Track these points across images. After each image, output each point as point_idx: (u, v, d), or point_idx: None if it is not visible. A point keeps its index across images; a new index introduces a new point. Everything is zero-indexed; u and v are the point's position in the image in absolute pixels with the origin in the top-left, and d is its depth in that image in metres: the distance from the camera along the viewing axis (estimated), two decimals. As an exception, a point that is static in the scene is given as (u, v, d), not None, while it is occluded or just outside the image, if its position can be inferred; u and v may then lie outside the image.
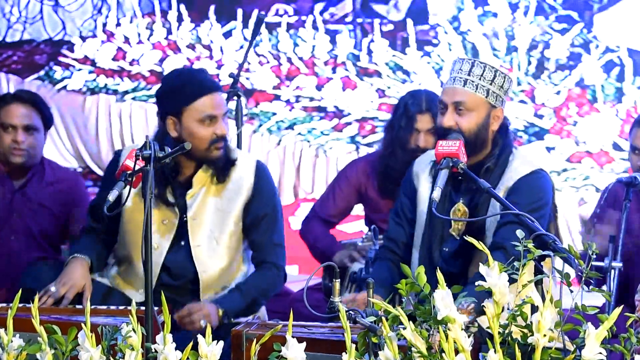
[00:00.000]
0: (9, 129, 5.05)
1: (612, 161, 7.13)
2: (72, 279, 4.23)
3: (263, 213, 4.34)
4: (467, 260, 4.06)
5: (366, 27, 7.77)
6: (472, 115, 4.03)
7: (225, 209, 4.32)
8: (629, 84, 7.18)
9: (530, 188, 4.05)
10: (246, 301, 4.21)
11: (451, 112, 4.03)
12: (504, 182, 4.06)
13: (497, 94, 4.05)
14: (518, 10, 7.42)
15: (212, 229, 4.29)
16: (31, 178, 5.14)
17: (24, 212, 5.11)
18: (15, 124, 5.03)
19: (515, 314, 3.09)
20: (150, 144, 3.59)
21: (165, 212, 4.30)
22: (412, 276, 3.13)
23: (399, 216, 4.25)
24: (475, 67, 4.04)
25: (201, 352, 3.07)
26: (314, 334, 3.45)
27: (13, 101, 5.07)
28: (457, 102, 4.02)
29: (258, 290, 4.26)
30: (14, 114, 5.05)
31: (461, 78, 4.04)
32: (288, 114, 7.81)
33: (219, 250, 4.31)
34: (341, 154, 7.63)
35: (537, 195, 4.06)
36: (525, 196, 4.02)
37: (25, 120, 5.04)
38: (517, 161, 4.10)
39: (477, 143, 4.04)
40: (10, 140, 5.04)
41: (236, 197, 4.33)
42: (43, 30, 8.43)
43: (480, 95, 4.03)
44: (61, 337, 3.14)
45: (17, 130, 5.03)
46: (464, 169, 3.84)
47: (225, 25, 8.07)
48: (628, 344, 3.10)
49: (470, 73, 4.03)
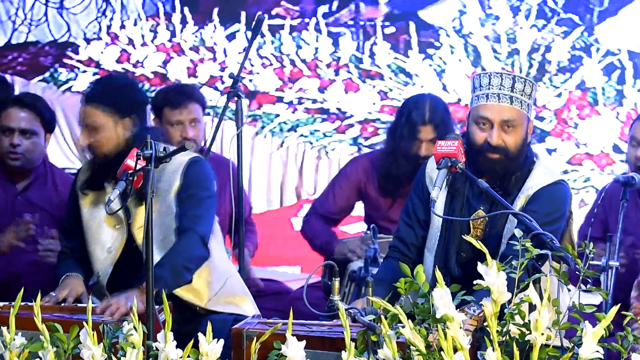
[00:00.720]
0: (7, 133, 5.07)
1: (613, 163, 7.14)
2: (70, 285, 4.30)
3: (187, 195, 4.31)
4: None
5: (368, 30, 7.78)
6: (517, 132, 3.97)
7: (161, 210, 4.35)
8: (629, 87, 7.19)
9: (551, 199, 3.99)
10: (169, 270, 4.09)
11: (498, 130, 3.95)
12: (524, 190, 4.01)
13: (531, 106, 4.03)
14: (520, 14, 7.43)
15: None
16: (33, 182, 5.15)
17: (26, 216, 5.13)
18: (13, 127, 5.05)
19: (513, 312, 3.11)
20: (152, 143, 3.61)
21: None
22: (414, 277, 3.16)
23: (409, 217, 4.19)
24: (517, 82, 3.98)
25: (201, 350, 3.09)
26: (314, 332, 3.45)
27: (13, 105, 5.09)
28: (506, 121, 3.96)
29: (177, 257, 4.15)
30: (13, 117, 5.06)
31: (506, 95, 3.96)
32: (291, 116, 7.83)
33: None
34: (343, 155, 7.64)
35: (556, 206, 4.00)
36: (545, 206, 3.96)
37: (23, 124, 5.05)
38: (539, 170, 4.05)
39: (519, 157, 4.00)
40: (7, 144, 5.06)
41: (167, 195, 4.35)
42: (48, 33, 8.44)
43: (524, 111, 3.99)
44: (63, 335, 3.16)
45: (14, 133, 5.05)
46: (463, 169, 3.84)
47: (229, 28, 8.08)
48: (625, 342, 3.12)
49: (513, 89, 3.97)
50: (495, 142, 3.96)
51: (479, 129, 4.00)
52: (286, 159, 7.79)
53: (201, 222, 4.28)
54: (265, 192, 7.76)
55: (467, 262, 4.01)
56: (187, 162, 4.36)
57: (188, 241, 4.23)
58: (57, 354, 3.13)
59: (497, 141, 3.96)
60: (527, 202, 3.99)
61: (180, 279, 4.16)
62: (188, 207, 4.29)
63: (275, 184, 7.77)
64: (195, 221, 4.27)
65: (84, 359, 3.08)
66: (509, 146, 3.97)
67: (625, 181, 4.23)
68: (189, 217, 4.27)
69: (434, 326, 3.03)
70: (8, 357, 3.08)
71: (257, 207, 7.57)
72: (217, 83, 7.96)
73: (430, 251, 4.11)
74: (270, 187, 7.76)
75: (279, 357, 3.10)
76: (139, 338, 3.15)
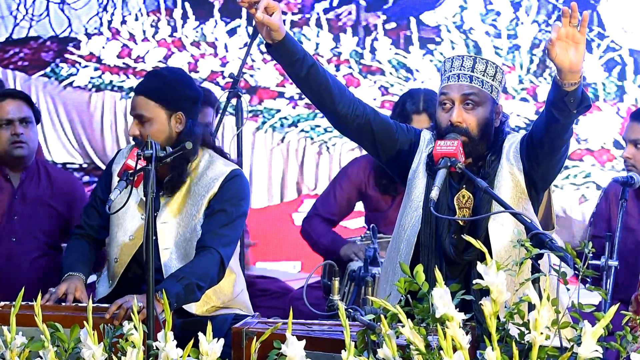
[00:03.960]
0: (5, 125, 5.10)
1: (613, 159, 7.15)
2: (69, 283, 4.28)
3: (219, 208, 4.32)
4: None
5: (370, 26, 7.78)
6: (479, 111, 3.97)
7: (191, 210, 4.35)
8: (630, 83, 7.19)
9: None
10: (183, 285, 4.09)
11: (459, 108, 3.96)
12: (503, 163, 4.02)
13: (497, 90, 4.03)
14: (520, 9, 7.43)
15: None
16: (26, 179, 5.17)
17: (24, 214, 5.14)
18: (12, 118, 5.09)
19: (512, 311, 3.11)
20: (152, 143, 3.61)
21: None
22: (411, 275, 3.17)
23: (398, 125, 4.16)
24: (477, 63, 3.99)
25: (202, 350, 3.09)
26: (314, 332, 3.47)
27: (5, 98, 5.13)
28: (466, 96, 3.96)
29: (193, 274, 4.14)
30: (10, 108, 5.11)
31: (465, 74, 3.98)
32: (292, 111, 7.83)
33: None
34: (344, 150, 7.65)
35: None
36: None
37: (22, 114, 5.11)
38: (507, 142, 4.06)
39: (483, 140, 4.00)
40: (9, 135, 5.09)
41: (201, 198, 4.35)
42: (49, 28, 8.43)
43: (486, 91, 3.99)
44: (64, 335, 3.17)
45: (14, 124, 5.09)
46: (462, 168, 3.84)
47: (230, 23, 8.08)
48: (624, 341, 3.13)
49: (474, 69, 3.98)
50: (456, 119, 3.95)
51: (442, 110, 4.01)
52: (287, 155, 7.79)
53: (226, 243, 4.27)
54: (266, 187, 7.76)
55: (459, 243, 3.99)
56: (229, 173, 4.35)
57: (208, 260, 4.20)
58: (58, 354, 3.14)
59: (456, 118, 3.95)
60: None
61: (191, 297, 4.15)
62: (217, 222, 4.28)
63: (276, 179, 7.77)
64: (221, 241, 4.25)
65: (84, 358, 3.09)
66: (470, 125, 3.95)
67: (625, 181, 4.25)
68: (215, 234, 4.26)
69: (434, 326, 3.03)
70: (9, 357, 3.09)
71: (258, 203, 7.58)
72: (218, 78, 7.96)
73: (408, 241, 4.03)
74: (271, 182, 7.76)
75: (279, 356, 3.10)
76: (139, 337, 3.16)
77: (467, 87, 3.98)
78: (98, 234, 4.52)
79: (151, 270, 3.51)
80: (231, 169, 4.37)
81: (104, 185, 4.51)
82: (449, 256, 4.00)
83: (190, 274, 4.13)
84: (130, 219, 4.39)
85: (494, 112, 4.03)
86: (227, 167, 4.36)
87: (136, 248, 4.34)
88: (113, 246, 4.42)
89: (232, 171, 4.37)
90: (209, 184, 4.32)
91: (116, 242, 4.40)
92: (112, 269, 4.40)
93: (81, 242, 4.50)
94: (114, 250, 4.41)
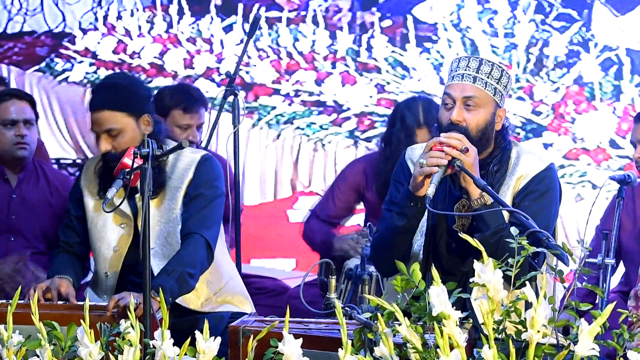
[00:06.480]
0: (9, 125, 5.09)
1: (609, 158, 7.15)
2: (52, 279, 4.25)
3: (196, 193, 4.32)
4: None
5: (366, 23, 7.78)
6: (480, 112, 3.98)
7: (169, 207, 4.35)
8: (626, 82, 7.19)
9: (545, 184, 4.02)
10: (175, 278, 4.08)
11: (460, 108, 3.97)
12: (510, 182, 4.03)
13: (502, 94, 4.03)
14: (518, 8, 7.43)
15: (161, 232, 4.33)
16: (24, 179, 5.17)
17: (22, 214, 5.14)
18: (17, 119, 5.09)
19: (509, 310, 3.11)
20: (148, 142, 3.61)
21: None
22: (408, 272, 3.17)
23: (396, 205, 4.14)
24: (483, 64, 4.00)
25: (198, 348, 3.09)
26: (311, 330, 3.46)
27: (11, 97, 5.12)
28: (468, 97, 3.97)
29: (181, 263, 4.14)
30: (15, 109, 5.10)
31: (470, 75, 3.98)
32: (287, 108, 7.83)
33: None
34: (339, 148, 7.65)
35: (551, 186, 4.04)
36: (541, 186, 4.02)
37: (27, 115, 5.11)
38: (527, 157, 4.06)
39: (482, 141, 4.00)
40: (12, 135, 5.09)
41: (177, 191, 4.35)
42: (43, 22, 8.42)
43: (489, 93, 3.99)
44: (60, 333, 3.17)
45: (19, 125, 5.09)
46: (460, 167, 3.85)
47: (226, 20, 8.07)
48: (621, 339, 3.13)
49: (478, 70, 3.99)
50: (456, 118, 3.96)
51: (444, 109, 4.02)
52: (282, 151, 7.79)
53: (208, 225, 4.27)
54: (260, 184, 7.76)
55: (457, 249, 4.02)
56: (199, 159, 4.36)
57: (194, 246, 4.21)
58: (55, 352, 3.14)
59: (457, 117, 3.96)
60: (520, 190, 3.99)
61: (185, 287, 4.14)
62: (196, 207, 4.28)
63: (270, 176, 7.77)
64: (203, 224, 4.25)
65: (81, 357, 3.09)
66: (470, 125, 3.96)
67: (621, 179, 4.25)
68: (196, 219, 4.26)
69: (430, 324, 3.04)
70: (6, 355, 3.09)
71: (253, 199, 7.58)
72: (214, 75, 7.96)
73: (421, 233, 4.08)
74: (266, 179, 7.76)
75: (276, 354, 3.11)
76: (136, 336, 3.15)
77: (469, 87, 3.99)
78: (79, 249, 4.51)
79: (147, 269, 3.50)
80: (201, 154, 4.40)
81: (75, 202, 4.50)
82: (446, 267, 4.01)
83: (179, 264, 4.13)
84: (110, 231, 4.39)
85: (496, 115, 4.03)
86: (196, 154, 4.39)
87: (123, 257, 4.34)
88: (100, 261, 4.41)
89: (203, 156, 4.39)
90: (182, 174, 4.34)
91: (102, 256, 4.40)
92: (104, 284, 4.38)
93: (64, 255, 4.49)
94: (101, 265, 4.40)
